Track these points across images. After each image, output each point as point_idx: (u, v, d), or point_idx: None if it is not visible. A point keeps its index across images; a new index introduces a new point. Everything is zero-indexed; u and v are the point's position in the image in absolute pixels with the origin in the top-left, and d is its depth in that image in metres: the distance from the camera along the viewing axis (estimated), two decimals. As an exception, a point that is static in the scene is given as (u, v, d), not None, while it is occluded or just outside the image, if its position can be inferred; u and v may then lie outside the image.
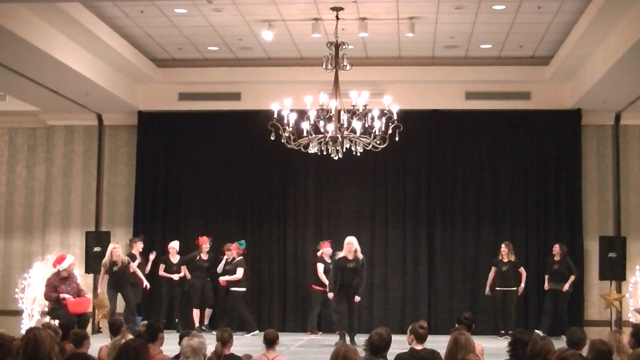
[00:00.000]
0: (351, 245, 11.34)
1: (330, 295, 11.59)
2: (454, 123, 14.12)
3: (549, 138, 13.99)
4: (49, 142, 14.88)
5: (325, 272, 12.75)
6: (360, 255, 11.41)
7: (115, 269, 12.37)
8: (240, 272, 12.97)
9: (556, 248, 12.98)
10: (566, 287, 12.75)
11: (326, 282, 12.36)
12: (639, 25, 9.78)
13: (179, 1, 10.88)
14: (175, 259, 13.41)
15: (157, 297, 13.52)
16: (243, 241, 13.38)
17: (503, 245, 12.99)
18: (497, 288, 12.96)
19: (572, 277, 12.80)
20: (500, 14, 11.29)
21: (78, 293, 11.74)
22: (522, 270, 12.96)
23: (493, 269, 13.02)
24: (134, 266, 12.70)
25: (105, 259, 12.43)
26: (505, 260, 12.92)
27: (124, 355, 4.93)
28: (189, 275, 13.38)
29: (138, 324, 11.08)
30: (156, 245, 13.83)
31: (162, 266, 13.45)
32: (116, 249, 12.46)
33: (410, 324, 7.70)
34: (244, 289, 13.10)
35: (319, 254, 13.21)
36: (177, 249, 13.47)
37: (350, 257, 11.38)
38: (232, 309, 13.14)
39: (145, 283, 12.98)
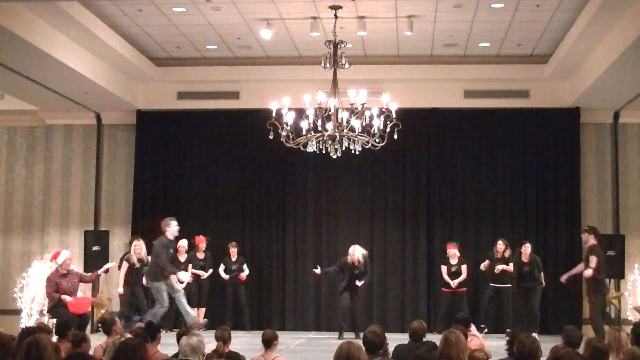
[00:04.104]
0: (353, 255, 12.24)
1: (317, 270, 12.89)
2: (453, 121, 14.12)
3: (547, 136, 13.99)
4: (47, 141, 14.88)
5: (450, 273, 13.09)
6: (361, 260, 12.29)
7: (136, 266, 12.48)
8: None
9: (526, 249, 12.55)
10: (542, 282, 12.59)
11: (449, 281, 13.04)
12: (637, 23, 9.78)
13: None
14: (183, 257, 13.37)
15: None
16: None
17: (500, 242, 12.83)
18: (491, 284, 12.89)
19: (542, 275, 12.58)
20: (498, 12, 11.30)
21: (82, 279, 11.69)
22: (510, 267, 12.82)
23: (487, 262, 13.01)
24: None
25: (132, 256, 12.55)
26: (500, 257, 12.87)
27: (122, 353, 4.93)
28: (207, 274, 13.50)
29: (134, 322, 11.12)
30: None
31: None
32: (139, 246, 12.58)
33: (409, 322, 7.74)
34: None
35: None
36: (186, 247, 13.42)
37: (355, 264, 12.25)
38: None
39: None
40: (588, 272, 11.29)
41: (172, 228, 11.21)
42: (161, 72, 14.07)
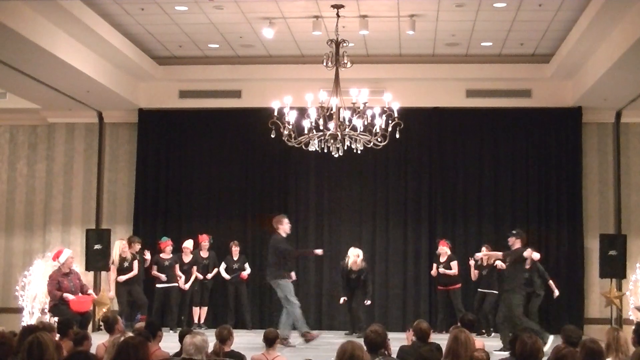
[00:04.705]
0: (355, 257, 12.54)
1: (342, 300, 12.93)
2: (455, 121, 14.12)
3: (549, 136, 13.98)
4: (49, 139, 14.90)
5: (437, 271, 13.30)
6: (363, 264, 12.65)
7: (125, 264, 12.48)
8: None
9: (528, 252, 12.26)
10: (556, 292, 12.45)
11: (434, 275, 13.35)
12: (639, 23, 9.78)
13: (179, -2, 10.91)
14: (188, 258, 13.38)
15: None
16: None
17: (484, 248, 12.70)
18: (479, 289, 12.92)
19: (551, 282, 12.48)
20: (501, 12, 11.28)
21: (81, 288, 11.74)
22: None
23: (476, 271, 13.05)
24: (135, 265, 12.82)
25: (114, 256, 12.57)
26: (485, 263, 12.81)
27: (123, 352, 4.93)
28: (200, 276, 13.49)
29: (135, 321, 11.11)
30: (156, 243, 13.80)
31: (176, 265, 13.42)
32: (125, 245, 12.60)
33: (411, 321, 7.75)
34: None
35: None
36: (191, 248, 13.43)
37: (355, 267, 12.58)
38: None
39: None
40: (528, 252, 11.10)
41: (284, 225, 11.49)
42: (163, 71, 14.07)
